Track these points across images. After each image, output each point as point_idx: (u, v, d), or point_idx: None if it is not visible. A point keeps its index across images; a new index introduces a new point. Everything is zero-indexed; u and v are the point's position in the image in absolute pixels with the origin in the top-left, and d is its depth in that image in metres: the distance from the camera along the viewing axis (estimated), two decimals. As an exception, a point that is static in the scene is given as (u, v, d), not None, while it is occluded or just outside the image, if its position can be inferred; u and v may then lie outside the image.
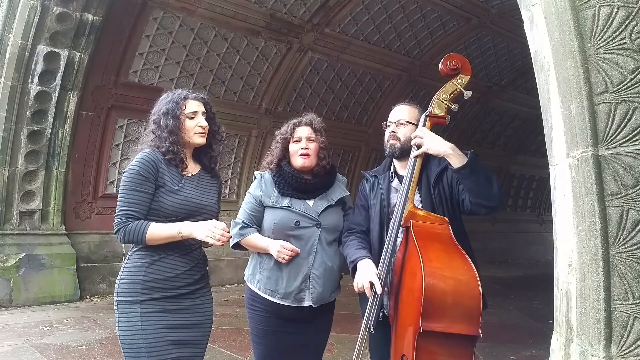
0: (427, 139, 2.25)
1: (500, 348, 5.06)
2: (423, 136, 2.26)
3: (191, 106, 2.27)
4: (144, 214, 2.15)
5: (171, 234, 2.11)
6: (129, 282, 2.17)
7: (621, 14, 1.67)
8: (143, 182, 2.14)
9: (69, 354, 4.61)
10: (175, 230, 2.11)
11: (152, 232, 2.10)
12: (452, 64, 2.31)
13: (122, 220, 2.13)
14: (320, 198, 2.59)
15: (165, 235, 2.12)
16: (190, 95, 2.30)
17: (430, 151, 2.25)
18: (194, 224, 2.12)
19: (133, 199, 2.14)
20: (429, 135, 2.26)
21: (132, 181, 2.14)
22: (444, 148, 2.22)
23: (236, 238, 2.55)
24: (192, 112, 2.27)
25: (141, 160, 2.18)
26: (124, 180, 2.18)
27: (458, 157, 2.19)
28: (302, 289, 2.50)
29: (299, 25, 8.78)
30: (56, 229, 7.26)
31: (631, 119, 1.66)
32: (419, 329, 1.97)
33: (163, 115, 2.24)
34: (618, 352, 1.67)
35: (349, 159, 11.11)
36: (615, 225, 1.68)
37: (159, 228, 2.11)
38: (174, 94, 2.30)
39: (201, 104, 2.31)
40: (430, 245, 2.12)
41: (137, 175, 2.14)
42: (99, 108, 7.61)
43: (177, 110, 2.24)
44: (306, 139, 2.56)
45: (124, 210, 2.14)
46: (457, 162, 2.19)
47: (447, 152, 2.21)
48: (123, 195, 2.15)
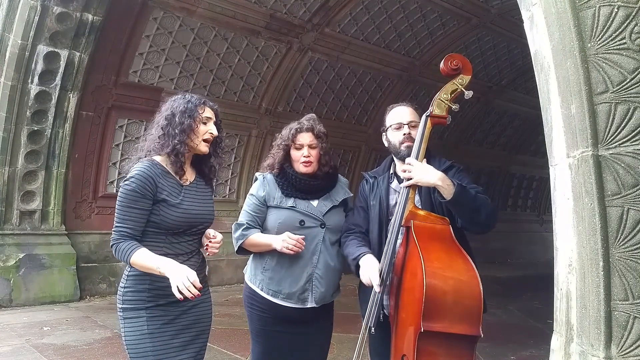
0: (416, 171, 2.24)
1: (500, 348, 5.06)
2: (412, 170, 2.25)
3: (207, 112, 2.29)
4: (139, 230, 2.15)
5: (151, 267, 2.09)
6: (134, 291, 2.18)
7: (621, 14, 1.67)
8: (138, 200, 2.13)
9: (69, 354, 4.61)
10: (155, 264, 2.08)
11: (135, 260, 2.09)
12: (453, 64, 2.31)
13: (116, 237, 2.14)
14: (324, 198, 2.60)
15: (147, 267, 2.10)
16: (208, 102, 2.33)
17: (420, 183, 2.26)
18: (171, 268, 2.03)
19: (127, 216, 2.13)
20: (417, 166, 2.25)
21: (128, 198, 2.14)
22: (433, 180, 2.22)
23: (240, 239, 2.54)
24: (207, 117, 2.28)
25: (137, 176, 2.15)
26: (119, 196, 2.17)
27: (447, 189, 2.19)
28: (306, 289, 2.50)
29: (299, 25, 8.78)
30: (56, 229, 7.26)
31: (631, 119, 1.67)
32: (420, 329, 1.97)
33: (180, 113, 2.24)
34: (618, 352, 1.67)
35: (349, 159, 11.10)
36: (615, 225, 1.68)
37: (143, 257, 2.09)
38: (192, 96, 2.31)
39: (213, 114, 2.33)
40: (431, 245, 2.12)
41: (133, 193, 2.13)
42: (99, 108, 7.61)
43: (196, 112, 2.25)
44: (308, 146, 2.56)
45: (118, 227, 2.14)
46: (445, 193, 2.20)
47: (437, 184, 2.21)
48: (118, 212, 2.16)
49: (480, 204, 2.24)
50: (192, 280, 1.96)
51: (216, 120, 2.34)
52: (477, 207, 2.23)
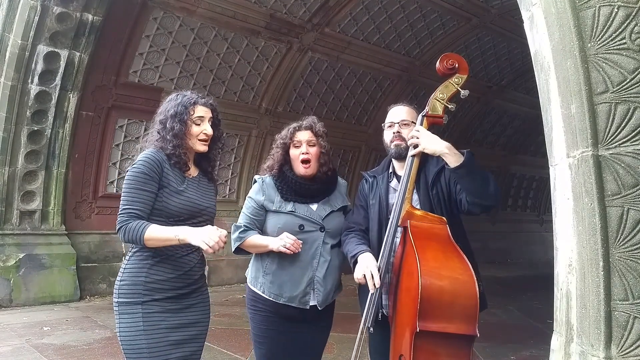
0: (423, 138, 2.24)
1: (500, 348, 5.05)
2: (419, 136, 2.25)
3: (199, 112, 2.27)
4: (147, 212, 2.14)
5: (168, 237, 2.09)
6: (130, 284, 2.16)
7: (621, 14, 1.67)
8: (147, 181, 2.14)
9: (69, 354, 4.61)
10: (172, 234, 2.08)
11: (150, 233, 2.08)
12: (449, 64, 2.31)
13: (125, 219, 2.11)
14: (324, 203, 2.59)
15: (163, 238, 2.09)
16: (200, 100, 2.29)
17: (427, 150, 2.24)
18: (190, 230, 2.09)
19: (137, 197, 2.12)
20: (425, 134, 2.25)
21: (137, 179, 2.13)
22: (440, 147, 2.21)
23: (237, 241, 2.54)
24: (199, 117, 2.26)
25: (146, 159, 2.17)
26: (128, 178, 2.16)
27: (454, 157, 2.18)
28: (307, 292, 2.50)
29: (299, 25, 8.78)
30: (56, 229, 7.26)
31: (631, 119, 1.66)
32: (416, 328, 1.97)
33: (170, 118, 2.24)
34: (618, 352, 1.67)
35: (349, 159, 11.11)
36: (615, 225, 1.68)
37: (158, 230, 2.09)
38: (184, 96, 2.29)
39: (209, 110, 2.31)
40: (428, 245, 2.12)
41: (142, 174, 2.13)
42: (99, 108, 7.61)
43: (185, 115, 2.23)
44: (307, 143, 2.55)
45: (127, 209, 2.12)
46: (453, 161, 2.18)
47: (444, 152, 2.20)
48: (126, 194, 2.14)
49: (488, 174, 2.24)
50: (218, 235, 2.00)
51: (213, 116, 2.32)
52: (485, 175, 2.22)
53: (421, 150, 2.26)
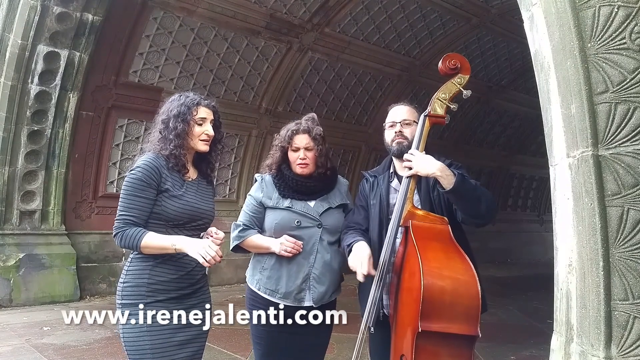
0: (416, 161, 2.25)
1: (500, 348, 5.05)
2: (412, 159, 2.27)
3: (201, 113, 2.28)
4: (143, 219, 2.16)
5: (165, 245, 2.11)
6: (133, 285, 2.17)
7: (621, 13, 1.67)
8: (144, 188, 2.15)
9: (69, 354, 4.61)
10: (169, 242, 2.10)
11: (147, 241, 2.10)
12: (451, 64, 2.31)
13: (121, 225, 2.14)
14: (322, 199, 2.60)
15: (160, 246, 2.12)
16: (203, 102, 2.31)
17: (420, 173, 2.26)
18: (187, 241, 2.11)
19: (133, 204, 2.14)
20: (418, 157, 2.26)
21: (133, 186, 2.15)
22: (433, 170, 2.22)
23: (236, 240, 2.56)
24: (201, 118, 2.28)
25: (143, 166, 2.17)
26: (125, 184, 2.18)
27: (447, 178, 2.19)
28: (303, 288, 2.50)
29: (299, 25, 8.78)
30: (56, 228, 7.26)
31: (631, 119, 1.66)
32: (418, 329, 1.97)
33: (173, 117, 2.24)
34: (618, 352, 1.67)
35: (349, 159, 11.10)
36: (615, 225, 1.68)
37: (155, 238, 2.12)
38: (187, 97, 2.30)
39: (211, 112, 2.32)
40: (429, 245, 2.12)
41: (139, 181, 2.15)
42: (99, 108, 7.61)
43: (189, 115, 2.24)
44: (304, 148, 2.56)
45: (123, 215, 2.14)
46: (446, 183, 2.19)
47: (436, 174, 2.21)
48: (123, 200, 2.16)
49: (481, 194, 2.24)
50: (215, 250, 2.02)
51: (214, 117, 2.34)
52: (477, 197, 2.23)
53: (414, 174, 2.28)
